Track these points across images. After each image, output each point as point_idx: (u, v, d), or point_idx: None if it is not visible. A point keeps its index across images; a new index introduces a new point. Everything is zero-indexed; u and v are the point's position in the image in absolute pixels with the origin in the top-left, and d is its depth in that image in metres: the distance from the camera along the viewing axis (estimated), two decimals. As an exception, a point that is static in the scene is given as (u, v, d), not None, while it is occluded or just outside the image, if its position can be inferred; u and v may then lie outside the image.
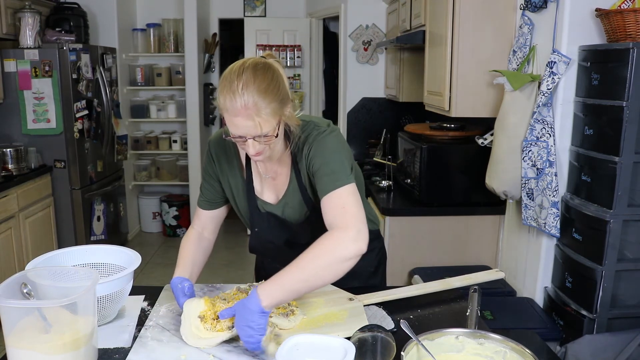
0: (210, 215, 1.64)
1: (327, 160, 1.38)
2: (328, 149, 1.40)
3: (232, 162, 1.54)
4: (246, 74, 1.26)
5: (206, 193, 1.61)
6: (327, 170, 1.36)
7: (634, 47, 1.78)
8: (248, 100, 1.24)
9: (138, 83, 5.18)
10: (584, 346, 1.89)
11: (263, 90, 1.25)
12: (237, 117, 1.26)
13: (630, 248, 1.93)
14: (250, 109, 1.24)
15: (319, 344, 1.15)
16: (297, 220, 1.53)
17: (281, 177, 1.51)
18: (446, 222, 2.80)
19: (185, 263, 1.52)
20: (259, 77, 1.26)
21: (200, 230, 1.63)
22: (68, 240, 3.99)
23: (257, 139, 1.29)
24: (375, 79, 4.37)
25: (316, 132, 1.43)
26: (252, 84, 1.25)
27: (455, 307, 1.54)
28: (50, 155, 3.89)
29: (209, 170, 1.58)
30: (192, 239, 1.59)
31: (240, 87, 1.24)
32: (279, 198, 1.53)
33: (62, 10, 4.17)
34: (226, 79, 1.28)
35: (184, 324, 1.32)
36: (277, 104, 1.28)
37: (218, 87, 1.31)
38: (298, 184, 1.48)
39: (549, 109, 2.12)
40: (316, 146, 1.40)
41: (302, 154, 1.44)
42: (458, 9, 2.48)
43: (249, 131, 1.27)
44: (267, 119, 1.27)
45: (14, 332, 1.11)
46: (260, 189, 1.54)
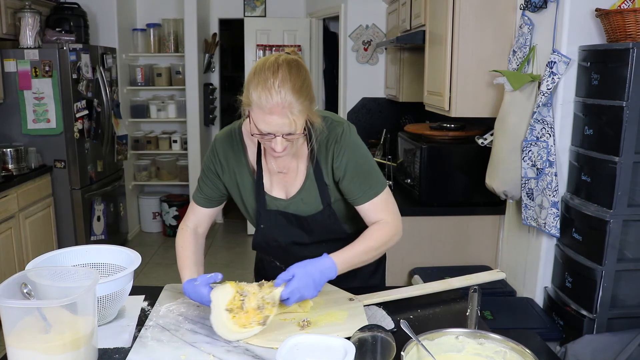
0: (206, 213, 1.62)
1: (363, 164, 1.48)
2: (360, 153, 1.48)
3: (239, 159, 1.53)
4: (282, 71, 1.27)
5: (205, 190, 1.59)
6: (366, 176, 1.48)
7: (634, 47, 1.78)
8: (284, 99, 1.25)
9: (138, 83, 5.18)
10: (584, 346, 1.89)
11: (298, 89, 1.27)
12: (273, 115, 1.26)
13: (630, 248, 1.92)
14: (285, 107, 1.25)
15: (319, 344, 1.15)
16: (309, 214, 1.52)
17: (293, 173, 1.51)
18: (446, 222, 2.80)
19: (190, 264, 1.51)
20: (294, 75, 1.28)
21: (194, 227, 1.62)
22: (68, 240, 3.99)
23: (286, 137, 1.31)
24: (375, 79, 4.37)
25: (340, 129, 1.47)
26: (288, 82, 1.26)
27: (455, 307, 1.53)
28: (50, 155, 3.89)
29: (212, 167, 1.56)
30: (189, 239, 1.58)
31: (277, 85, 1.25)
32: (289, 193, 1.52)
33: (62, 10, 4.17)
34: (259, 75, 1.27)
35: (213, 313, 1.30)
36: (308, 103, 1.31)
37: (248, 82, 1.30)
38: (316, 180, 1.49)
39: (549, 109, 2.12)
40: (347, 148, 1.46)
41: (327, 151, 1.46)
42: (458, 9, 2.48)
43: (281, 129, 1.29)
44: (300, 117, 1.29)
45: (14, 332, 1.11)
46: (269, 185, 1.53)
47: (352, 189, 1.48)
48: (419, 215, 2.80)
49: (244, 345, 1.29)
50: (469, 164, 2.77)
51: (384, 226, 1.48)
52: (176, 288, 1.61)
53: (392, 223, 1.49)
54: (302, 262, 1.36)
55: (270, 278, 1.67)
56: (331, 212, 1.52)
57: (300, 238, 1.57)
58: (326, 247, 1.59)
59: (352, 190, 1.49)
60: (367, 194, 1.48)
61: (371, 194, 1.48)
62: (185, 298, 1.54)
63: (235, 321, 1.30)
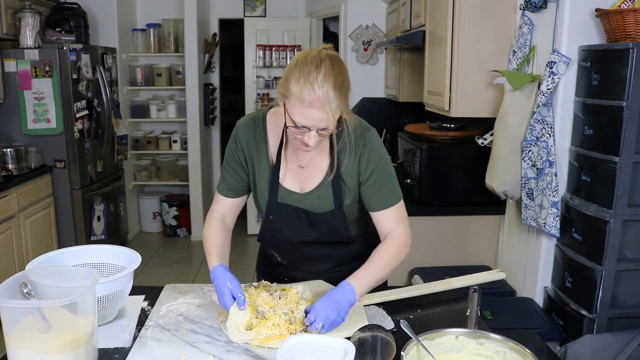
0: (231, 203, 1.60)
1: (387, 171, 1.51)
2: (386, 159, 1.51)
3: (260, 147, 1.52)
4: (325, 66, 1.28)
5: (229, 180, 1.57)
6: (387, 184, 1.51)
7: (634, 47, 1.78)
8: (326, 94, 1.26)
9: (138, 83, 5.18)
10: (584, 346, 1.89)
11: (339, 86, 1.29)
12: (312, 109, 1.27)
13: (630, 248, 1.92)
14: (325, 102, 1.27)
15: (319, 344, 1.16)
16: (320, 211, 1.52)
17: (313, 168, 1.51)
18: (446, 222, 2.80)
19: (218, 250, 1.49)
20: (336, 71, 1.30)
21: (221, 218, 1.60)
22: (68, 240, 3.99)
23: (320, 132, 1.32)
24: (375, 79, 4.37)
25: (370, 133, 1.50)
26: (330, 77, 1.27)
27: (455, 307, 1.54)
28: (51, 155, 3.89)
29: (234, 155, 1.54)
30: (217, 227, 1.56)
31: (320, 79, 1.26)
32: (305, 189, 1.52)
33: (62, 10, 4.17)
34: (301, 68, 1.28)
35: (230, 325, 1.31)
36: (346, 100, 1.34)
37: (289, 74, 1.30)
38: (334, 179, 1.49)
39: (549, 109, 2.12)
40: (375, 152, 1.49)
41: (355, 152, 1.47)
42: (458, 9, 2.48)
43: (318, 123, 1.29)
44: (337, 113, 1.31)
45: (14, 332, 1.11)
46: (285, 178, 1.53)
47: (372, 194, 1.50)
48: (419, 215, 2.79)
49: (244, 345, 1.29)
50: (469, 164, 2.77)
51: (395, 240, 1.50)
52: (176, 288, 1.61)
53: (402, 235, 1.52)
54: (322, 297, 1.35)
55: (271, 276, 1.67)
56: (342, 213, 1.52)
57: (306, 234, 1.56)
58: (330, 249, 1.59)
59: (372, 195, 1.50)
60: (385, 201, 1.50)
61: (389, 202, 1.51)
62: (185, 298, 1.54)
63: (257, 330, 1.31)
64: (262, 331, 1.31)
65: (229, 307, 1.33)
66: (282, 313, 1.34)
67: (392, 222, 1.52)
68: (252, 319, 1.33)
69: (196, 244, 5.11)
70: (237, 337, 1.30)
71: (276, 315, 1.34)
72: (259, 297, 1.40)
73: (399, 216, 1.53)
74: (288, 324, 1.32)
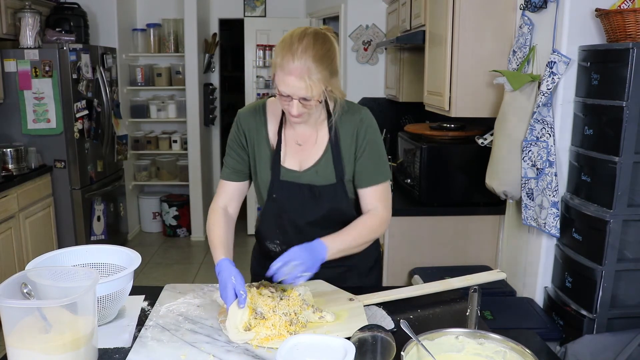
0: (235, 188, 1.65)
1: (380, 148, 1.59)
2: (380, 138, 1.60)
3: (260, 131, 1.60)
4: (307, 39, 1.38)
5: (232, 164, 1.63)
6: (379, 161, 1.59)
7: (634, 47, 1.78)
8: (304, 64, 1.35)
9: (138, 83, 5.18)
10: (584, 346, 1.89)
11: (319, 58, 1.37)
12: (291, 77, 1.36)
13: (630, 248, 1.93)
14: (303, 72, 1.35)
15: (319, 344, 1.16)
16: (322, 184, 1.57)
17: (311, 146, 1.57)
18: (446, 222, 2.80)
19: (223, 243, 1.52)
20: (318, 45, 1.38)
21: (224, 206, 1.63)
22: (68, 240, 3.99)
23: (302, 102, 1.40)
24: (375, 79, 4.37)
25: (364, 110, 1.59)
26: (310, 49, 1.36)
27: (455, 307, 1.54)
28: (50, 155, 3.89)
29: (236, 140, 1.62)
30: (219, 218, 1.59)
31: (300, 50, 1.36)
32: (303, 166, 1.57)
33: (62, 10, 4.17)
34: (286, 41, 1.39)
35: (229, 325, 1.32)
36: (327, 73, 1.39)
37: (277, 47, 1.42)
38: (333, 155, 1.56)
39: (549, 109, 2.12)
40: (371, 129, 1.57)
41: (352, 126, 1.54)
42: (458, 9, 2.48)
43: (298, 92, 1.38)
44: (317, 84, 1.38)
45: (14, 332, 1.11)
46: (285, 157, 1.59)
47: (363, 169, 1.57)
48: (419, 215, 2.80)
49: (244, 345, 1.29)
50: (469, 164, 2.77)
51: (376, 216, 1.57)
52: (176, 288, 1.61)
53: (383, 213, 1.58)
54: None
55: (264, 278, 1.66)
56: (343, 188, 1.58)
57: (310, 210, 1.59)
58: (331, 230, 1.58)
59: (363, 170, 1.57)
60: (374, 178, 1.58)
61: (378, 179, 1.58)
62: (185, 298, 1.54)
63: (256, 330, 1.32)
64: (261, 331, 1.31)
65: (230, 302, 1.34)
66: (282, 314, 1.34)
67: (375, 200, 1.58)
68: (250, 320, 1.33)
69: (196, 244, 5.11)
70: (237, 337, 1.30)
71: (275, 316, 1.34)
72: (259, 299, 1.40)
73: (384, 196, 1.59)
74: (288, 325, 1.32)
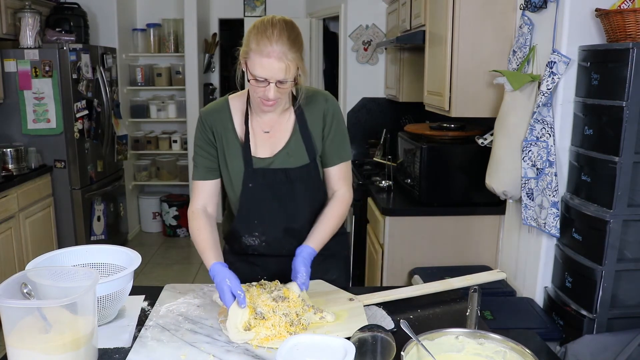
0: (211, 187, 1.66)
1: (344, 128, 1.68)
2: (342, 118, 1.69)
3: (226, 126, 1.63)
4: (280, 24, 1.46)
5: (204, 162, 1.65)
6: (343, 140, 1.67)
7: (634, 47, 1.78)
8: (282, 46, 1.42)
9: (138, 83, 5.18)
10: (584, 346, 1.89)
11: (293, 40, 1.45)
12: (270, 59, 1.41)
13: (630, 248, 1.92)
14: (281, 53, 1.41)
15: (319, 344, 1.16)
16: (295, 166, 1.61)
17: (278, 132, 1.62)
18: (446, 222, 2.80)
19: (211, 247, 1.54)
20: (289, 28, 1.46)
21: (203, 207, 1.64)
22: (68, 240, 3.99)
23: (278, 85, 1.45)
24: (375, 79, 4.37)
25: (325, 92, 1.67)
26: (285, 31, 1.44)
27: (455, 307, 1.54)
28: (51, 155, 3.89)
29: (204, 138, 1.64)
30: (202, 221, 1.61)
31: (276, 34, 1.42)
32: (274, 150, 1.62)
33: (62, 10, 4.17)
34: (258, 28, 1.45)
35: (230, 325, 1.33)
36: (299, 55, 1.47)
37: (248, 34, 1.47)
38: (302, 135, 1.61)
39: (549, 109, 2.12)
40: (335, 108, 1.65)
41: (316, 105, 1.62)
42: (458, 9, 2.48)
43: (276, 74, 1.43)
44: (293, 64, 1.44)
45: (14, 332, 1.11)
46: (255, 148, 1.62)
47: (331, 148, 1.65)
48: (419, 215, 2.80)
49: (244, 345, 1.29)
50: (469, 164, 2.77)
51: (342, 202, 1.67)
52: (176, 288, 1.61)
53: (346, 195, 1.69)
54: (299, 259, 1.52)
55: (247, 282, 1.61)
56: (316, 168, 1.64)
57: (287, 195, 1.62)
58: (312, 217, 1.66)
59: (330, 149, 1.65)
60: (340, 156, 1.67)
61: (343, 157, 1.67)
62: (185, 298, 1.54)
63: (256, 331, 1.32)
64: (261, 331, 1.31)
65: (229, 304, 1.35)
66: (283, 314, 1.34)
67: (341, 180, 1.69)
68: (250, 320, 1.33)
69: (196, 244, 5.11)
70: (237, 337, 1.30)
71: (276, 316, 1.34)
72: (259, 299, 1.40)
73: (346, 174, 1.70)
74: (289, 325, 1.32)
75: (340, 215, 1.66)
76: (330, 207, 1.65)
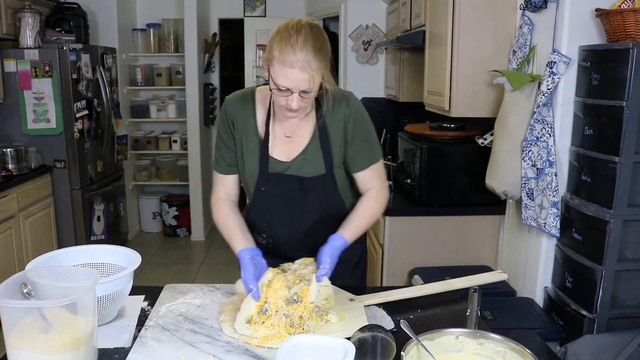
0: (233, 180, 1.66)
1: (370, 130, 1.60)
2: (368, 120, 1.60)
3: (248, 121, 1.58)
4: (305, 30, 1.36)
5: (226, 157, 1.63)
6: (372, 143, 1.61)
7: (634, 47, 1.78)
8: (306, 55, 1.34)
9: (138, 83, 5.18)
10: (584, 346, 1.89)
11: (318, 48, 1.37)
12: (294, 69, 1.35)
13: (630, 248, 1.92)
14: (306, 63, 1.34)
15: (319, 344, 1.15)
16: (310, 176, 1.57)
17: (299, 137, 1.57)
18: (446, 222, 2.80)
19: (237, 233, 1.54)
20: (315, 35, 1.37)
21: (227, 197, 1.64)
22: (68, 240, 3.99)
23: (302, 95, 1.39)
24: (375, 79, 4.37)
25: (349, 95, 1.58)
26: (310, 39, 1.35)
27: (455, 308, 1.54)
28: (50, 155, 3.89)
29: (224, 127, 1.61)
30: (228, 208, 1.62)
31: (300, 42, 1.34)
32: (291, 155, 1.57)
33: (62, 10, 4.17)
34: (282, 33, 1.37)
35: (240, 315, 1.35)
36: (325, 63, 1.40)
37: (271, 40, 1.39)
38: (322, 143, 1.55)
39: (549, 109, 2.12)
40: (359, 113, 1.57)
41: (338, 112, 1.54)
42: (458, 9, 2.48)
43: (300, 84, 1.37)
44: (317, 74, 1.37)
45: (14, 332, 1.11)
46: (273, 149, 1.58)
47: (357, 154, 1.59)
48: (419, 215, 2.79)
49: (244, 345, 1.29)
50: (469, 164, 2.77)
51: (378, 198, 1.63)
52: (176, 288, 1.61)
53: (382, 192, 1.64)
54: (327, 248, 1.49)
55: None
56: (332, 179, 1.58)
57: (299, 203, 1.59)
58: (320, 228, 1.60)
59: (358, 155, 1.59)
60: (370, 159, 1.61)
61: (373, 159, 1.61)
62: (185, 298, 1.54)
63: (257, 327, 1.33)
64: (259, 329, 1.31)
65: (249, 284, 1.39)
66: (283, 314, 1.34)
67: (373, 180, 1.63)
68: (255, 314, 1.34)
69: (196, 244, 5.11)
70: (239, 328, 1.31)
71: (276, 316, 1.34)
72: (275, 294, 1.39)
73: (379, 174, 1.64)
74: (289, 326, 1.32)
75: (374, 210, 1.61)
76: (364, 200, 1.62)
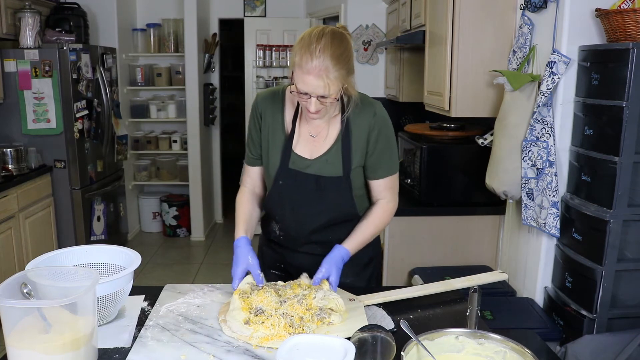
0: (258, 172, 1.73)
1: (392, 141, 1.64)
2: (392, 131, 1.64)
3: (276, 116, 1.64)
4: (325, 38, 1.41)
5: (252, 150, 1.70)
6: (392, 153, 1.64)
7: (634, 47, 1.78)
8: (322, 63, 1.38)
9: (138, 83, 5.18)
10: (584, 346, 1.89)
11: (336, 57, 1.40)
12: (309, 76, 1.40)
13: (630, 248, 1.93)
14: (322, 71, 1.39)
15: (319, 344, 1.15)
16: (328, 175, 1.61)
17: (322, 138, 1.61)
18: (446, 222, 2.80)
19: (244, 221, 1.63)
20: (335, 44, 1.41)
21: (252, 187, 1.73)
22: (68, 240, 3.99)
23: (320, 99, 1.43)
24: (375, 79, 4.37)
25: (377, 104, 1.61)
26: (328, 49, 1.39)
27: (455, 308, 1.54)
28: (50, 155, 3.89)
29: (253, 121, 1.67)
30: (247, 197, 1.71)
31: (318, 50, 1.39)
32: (314, 154, 1.61)
33: (62, 10, 4.17)
34: (305, 40, 1.42)
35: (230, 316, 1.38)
36: (345, 72, 1.43)
37: (295, 45, 1.45)
38: (343, 147, 1.59)
39: (549, 109, 2.12)
40: (384, 123, 1.60)
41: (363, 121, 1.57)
42: (458, 9, 2.48)
43: (315, 90, 1.41)
44: (335, 83, 1.41)
45: (14, 332, 1.11)
46: (297, 145, 1.62)
47: (377, 163, 1.62)
48: (419, 215, 2.80)
49: (244, 345, 1.29)
50: (469, 164, 2.77)
51: (386, 208, 1.66)
52: (176, 288, 1.61)
53: (392, 203, 1.68)
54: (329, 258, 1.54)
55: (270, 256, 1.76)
56: (348, 183, 1.61)
57: (312, 201, 1.63)
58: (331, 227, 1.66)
59: (377, 163, 1.62)
60: (388, 170, 1.64)
61: (391, 170, 1.65)
62: (185, 298, 1.54)
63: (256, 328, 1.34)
64: (259, 329, 1.31)
65: (238, 277, 1.48)
66: (281, 314, 1.34)
67: (387, 190, 1.66)
68: (249, 317, 1.34)
69: (196, 244, 5.11)
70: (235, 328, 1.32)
71: (275, 315, 1.34)
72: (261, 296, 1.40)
73: (393, 184, 1.68)
74: (288, 326, 1.32)
75: (381, 222, 1.66)
76: (372, 212, 1.66)
